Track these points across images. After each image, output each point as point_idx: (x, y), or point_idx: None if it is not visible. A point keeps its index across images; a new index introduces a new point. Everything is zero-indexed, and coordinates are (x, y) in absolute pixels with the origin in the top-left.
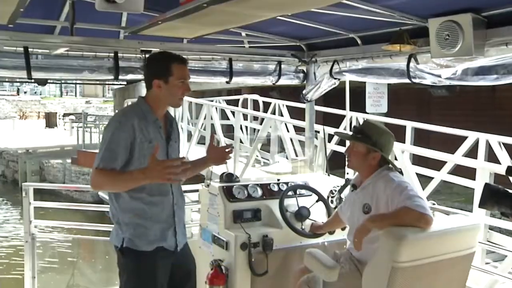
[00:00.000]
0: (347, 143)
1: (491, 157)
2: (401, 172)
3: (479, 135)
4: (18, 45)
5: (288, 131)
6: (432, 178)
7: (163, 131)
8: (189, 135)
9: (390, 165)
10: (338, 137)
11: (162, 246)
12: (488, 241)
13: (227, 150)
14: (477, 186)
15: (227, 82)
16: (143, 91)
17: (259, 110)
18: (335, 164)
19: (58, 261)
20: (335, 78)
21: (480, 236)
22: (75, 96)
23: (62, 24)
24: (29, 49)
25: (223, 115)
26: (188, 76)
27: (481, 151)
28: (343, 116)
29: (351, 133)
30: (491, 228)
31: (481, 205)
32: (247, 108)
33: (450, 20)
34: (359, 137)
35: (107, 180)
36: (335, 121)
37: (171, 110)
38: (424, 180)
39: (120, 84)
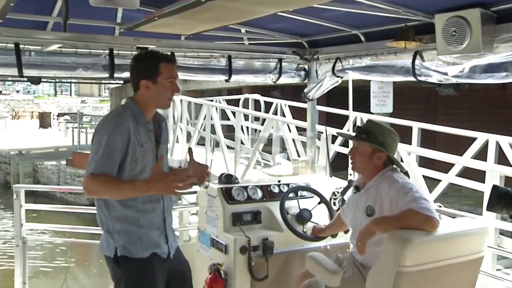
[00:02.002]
0: (350, 143)
1: (502, 159)
2: (406, 173)
3: (488, 136)
4: (8, 41)
5: (290, 131)
6: (440, 180)
7: (152, 133)
8: (189, 136)
9: (395, 166)
10: (342, 137)
11: (156, 252)
12: (499, 246)
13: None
14: (487, 189)
15: (226, 81)
16: None
17: (260, 110)
18: (338, 165)
19: (50, 266)
20: (337, 76)
21: (490, 240)
22: (70, 95)
23: (55, 20)
24: (20, 46)
25: (224, 115)
26: (177, 76)
27: (491, 152)
28: (347, 116)
29: (354, 133)
30: (502, 232)
31: (489, 208)
32: (248, 108)
33: (457, 15)
34: (364, 137)
35: (104, 187)
36: (338, 121)
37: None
38: (431, 183)
39: (117, 83)
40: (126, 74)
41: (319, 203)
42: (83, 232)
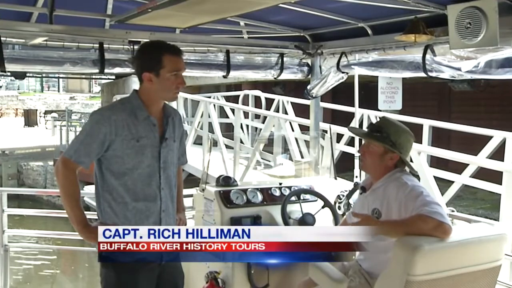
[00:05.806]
0: (358, 140)
1: None
2: (417, 177)
3: (506, 134)
4: None
5: (293, 130)
6: (453, 182)
7: (157, 128)
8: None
9: (405, 168)
10: (353, 134)
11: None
12: None
13: None
14: (504, 191)
15: (224, 77)
16: (133, 86)
17: (261, 107)
18: (343, 166)
19: (35, 275)
20: (342, 72)
21: (508, 248)
22: (58, 91)
23: (40, 11)
24: (2, 38)
25: (222, 113)
26: (183, 68)
27: (509, 152)
28: (353, 114)
29: (366, 130)
30: None
31: None
32: (248, 105)
33: (472, 6)
34: (377, 135)
35: (65, 181)
36: (344, 119)
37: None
38: (444, 185)
39: (108, 79)
40: (117, 70)
41: (323, 207)
42: (71, 238)
